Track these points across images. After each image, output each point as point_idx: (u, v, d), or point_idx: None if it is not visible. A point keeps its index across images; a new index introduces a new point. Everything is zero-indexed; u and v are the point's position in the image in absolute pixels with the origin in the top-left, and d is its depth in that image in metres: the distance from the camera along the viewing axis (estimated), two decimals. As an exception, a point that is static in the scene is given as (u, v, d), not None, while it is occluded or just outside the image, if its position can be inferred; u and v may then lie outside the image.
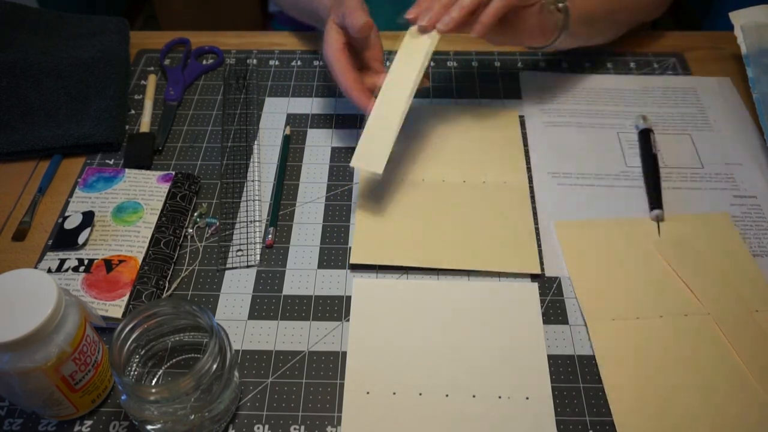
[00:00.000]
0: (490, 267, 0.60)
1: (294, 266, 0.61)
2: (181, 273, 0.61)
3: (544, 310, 0.58)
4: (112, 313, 0.56)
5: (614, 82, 0.80)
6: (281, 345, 0.56)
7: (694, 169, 0.70)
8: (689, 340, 0.55)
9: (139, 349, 0.50)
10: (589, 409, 0.52)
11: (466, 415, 0.51)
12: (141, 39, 0.86)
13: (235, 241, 0.63)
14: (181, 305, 0.47)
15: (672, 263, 0.60)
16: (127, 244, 0.61)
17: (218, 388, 0.46)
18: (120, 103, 0.74)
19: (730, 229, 0.63)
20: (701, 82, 0.80)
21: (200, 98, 0.79)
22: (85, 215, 0.63)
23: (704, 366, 0.53)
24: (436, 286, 0.59)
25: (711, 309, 0.57)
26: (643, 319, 0.56)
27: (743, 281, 0.59)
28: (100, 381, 0.50)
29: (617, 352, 0.55)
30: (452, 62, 0.83)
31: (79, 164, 0.71)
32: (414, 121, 0.73)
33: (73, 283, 0.58)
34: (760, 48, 0.73)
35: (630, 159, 0.71)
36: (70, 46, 0.79)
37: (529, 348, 0.55)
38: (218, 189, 0.68)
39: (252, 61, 0.83)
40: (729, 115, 0.75)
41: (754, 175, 0.69)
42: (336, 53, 0.66)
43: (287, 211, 0.66)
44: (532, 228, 0.63)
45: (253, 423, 0.51)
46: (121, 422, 0.51)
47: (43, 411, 0.50)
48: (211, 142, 0.73)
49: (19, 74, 0.74)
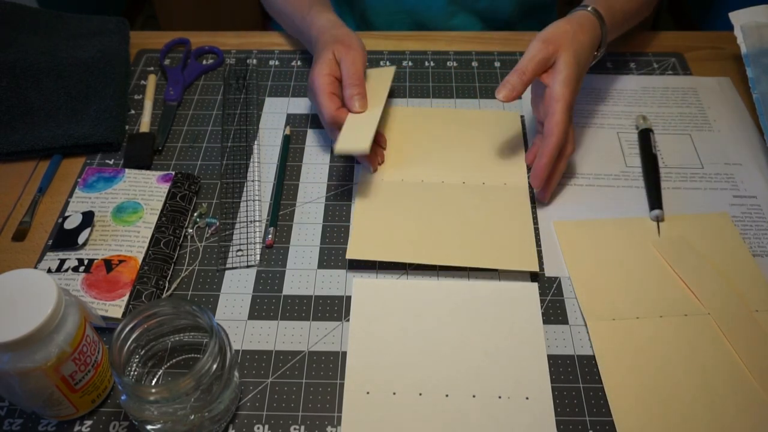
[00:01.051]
0: (488, 264, 0.60)
1: (294, 266, 0.61)
2: (181, 273, 0.61)
3: (544, 310, 0.58)
4: (112, 313, 0.56)
5: (614, 82, 0.80)
6: (281, 345, 0.56)
7: (694, 169, 0.70)
8: (689, 339, 0.55)
9: (139, 349, 0.50)
10: (589, 409, 0.52)
11: (466, 415, 0.51)
12: (141, 39, 0.86)
13: (235, 241, 0.63)
14: (181, 305, 0.47)
15: (671, 263, 0.60)
16: (127, 244, 0.61)
17: (218, 388, 0.46)
18: (120, 103, 0.75)
19: (730, 229, 0.63)
20: (701, 82, 0.80)
21: (200, 98, 0.79)
22: (85, 215, 0.63)
23: (704, 366, 0.53)
24: (436, 286, 0.59)
25: (711, 309, 0.57)
26: (643, 318, 0.56)
27: (743, 281, 0.59)
28: (100, 381, 0.50)
29: (617, 352, 0.54)
30: (452, 62, 0.83)
31: (79, 164, 0.71)
32: (413, 121, 0.74)
33: (73, 283, 0.58)
34: (760, 48, 0.73)
35: (630, 159, 0.71)
36: (70, 46, 0.79)
37: (529, 348, 0.55)
38: (218, 189, 0.68)
39: (252, 61, 0.83)
40: (729, 115, 0.75)
41: (754, 175, 0.69)
42: (323, 87, 0.67)
43: (287, 211, 0.66)
44: (531, 228, 0.63)
45: (253, 423, 0.51)
46: (121, 422, 0.51)
47: (43, 411, 0.50)
48: (211, 142, 0.73)
49: (19, 74, 0.74)
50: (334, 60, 0.68)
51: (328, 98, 0.66)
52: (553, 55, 0.63)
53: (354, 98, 0.66)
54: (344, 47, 0.68)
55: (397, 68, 0.81)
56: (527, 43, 0.65)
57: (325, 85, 0.67)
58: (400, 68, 0.82)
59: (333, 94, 0.67)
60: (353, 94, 0.66)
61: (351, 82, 0.66)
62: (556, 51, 0.63)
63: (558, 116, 0.61)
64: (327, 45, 0.69)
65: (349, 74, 0.67)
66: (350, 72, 0.67)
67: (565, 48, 0.63)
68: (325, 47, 0.69)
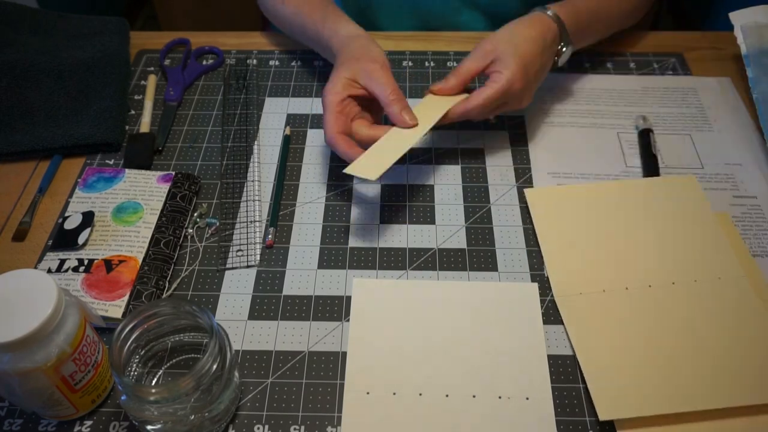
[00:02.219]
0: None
1: (294, 266, 0.61)
2: (181, 273, 0.61)
3: (544, 310, 0.58)
4: (112, 314, 0.56)
5: (614, 82, 0.80)
6: (281, 345, 0.56)
7: (694, 169, 0.70)
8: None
9: (139, 350, 0.50)
10: (589, 409, 0.52)
11: (466, 415, 0.51)
12: (141, 39, 0.86)
13: (235, 241, 0.63)
14: (181, 305, 0.47)
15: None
16: (127, 244, 0.61)
17: (218, 389, 0.46)
18: (120, 104, 0.75)
19: (730, 229, 0.63)
20: (701, 82, 0.80)
21: (200, 98, 0.79)
22: (85, 215, 0.63)
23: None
24: (436, 286, 0.59)
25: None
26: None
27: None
28: (100, 381, 0.50)
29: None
30: (452, 62, 0.83)
31: (79, 164, 0.71)
32: (570, 209, 0.65)
33: (73, 283, 0.58)
34: (760, 48, 0.73)
35: (630, 159, 0.71)
36: (70, 46, 0.79)
37: (529, 348, 0.55)
38: (218, 189, 0.68)
39: (252, 62, 0.83)
40: (729, 115, 0.75)
41: (754, 175, 0.69)
42: (332, 105, 0.64)
43: (287, 211, 0.66)
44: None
45: (253, 423, 0.51)
46: (121, 422, 0.51)
47: (43, 411, 0.50)
48: (211, 143, 0.73)
49: (19, 74, 0.74)
50: (349, 78, 0.65)
51: (334, 117, 0.63)
52: (491, 63, 0.66)
53: (403, 113, 0.63)
54: (366, 63, 0.65)
55: (394, 68, 0.81)
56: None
57: (333, 104, 0.64)
58: (400, 68, 0.82)
59: (339, 114, 0.64)
60: (401, 108, 0.63)
61: (392, 99, 0.63)
62: (491, 57, 0.66)
63: (486, 94, 0.64)
64: (344, 63, 0.66)
65: (384, 91, 0.63)
66: (384, 88, 0.63)
67: (503, 52, 0.65)
68: (341, 65, 0.66)
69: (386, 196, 0.67)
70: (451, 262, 0.62)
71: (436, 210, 0.66)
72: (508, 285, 0.59)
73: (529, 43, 0.66)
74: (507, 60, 0.64)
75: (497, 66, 0.65)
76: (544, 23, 0.68)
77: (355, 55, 0.66)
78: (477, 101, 0.64)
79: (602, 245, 0.61)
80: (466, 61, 0.67)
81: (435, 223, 0.65)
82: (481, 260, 0.62)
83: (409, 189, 0.68)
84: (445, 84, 0.67)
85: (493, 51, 0.66)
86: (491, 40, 0.67)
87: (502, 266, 0.61)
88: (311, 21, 0.75)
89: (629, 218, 0.63)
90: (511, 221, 0.65)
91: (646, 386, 0.52)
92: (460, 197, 0.67)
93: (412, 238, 0.64)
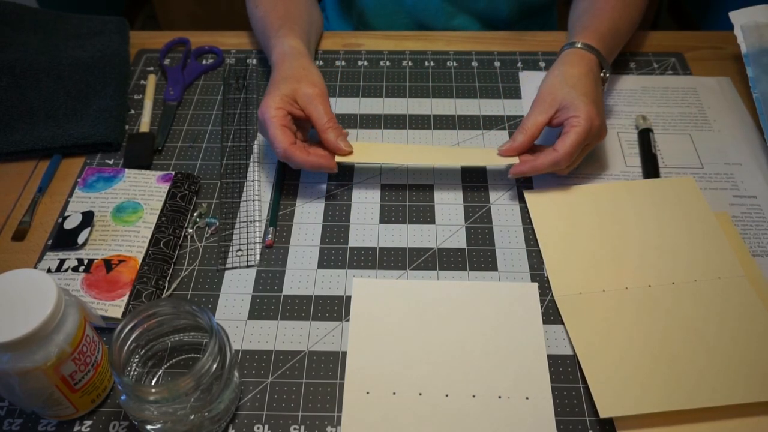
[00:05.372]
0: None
1: (294, 266, 0.61)
2: (181, 273, 0.61)
3: (543, 310, 0.58)
4: (111, 313, 0.56)
5: (614, 82, 0.80)
6: (281, 345, 0.56)
7: (693, 168, 0.70)
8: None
9: (139, 349, 0.50)
10: (589, 409, 0.52)
11: (466, 415, 0.51)
12: (141, 39, 0.86)
13: (235, 241, 0.63)
14: (181, 305, 0.47)
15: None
16: (127, 244, 0.61)
17: (218, 388, 0.46)
18: (120, 103, 0.75)
19: (730, 229, 0.63)
20: (701, 82, 0.80)
21: (200, 98, 0.79)
22: (85, 215, 0.63)
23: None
24: (436, 286, 0.59)
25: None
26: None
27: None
28: (99, 381, 0.50)
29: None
30: (452, 62, 0.83)
31: (79, 164, 0.71)
32: (567, 211, 0.65)
33: (72, 283, 0.58)
34: (760, 48, 0.73)
35: (630, 159, 0.71)
36: (70, 46, 0.79)
37: (529, 348, 0.55)
38: (218, 189, 0.68)
39: (252, 61, 0.83)
40: (729, 115, 0.75)
41: (754, 175, 0.69)
42: (276, 119, 0.63)
43: (287, 211, 0.66)
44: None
45: (253, 423, 0.51)
46: (120, 422, 0.51)
47: (43, 411, 0.50)
48: (211, 142, 0.73)
49: (19, 74, 0.74)
50: (287, 95, 0.64)
51: (281, 131, 0.62)
52: (556, 112, 0.65)
53: (339, 140, 0.64)
54: (307, 87, 0.65)
55: (396, 69, 0.81)
56: (527, 43, 0.65)
57: (277, 118, 0.63)
58: (400, 68, 0.82)
59: (285, 128, 0.63)
60: (337, 136, 0.64)
61: (328, 126, 0.64)
62: (556, 106, 0.64)
63: (572, 139, 0.62)
64: (285, 80, 0.66)
65: (322, 119, 0.64)
66: (322, 116, 0.64)
67: (566, 96, 0.64)
68: (282, 81, 0.65)
69: (386, 196, 0.67)
70: (451, 262, 0.62)
71: (436, 210, 0.66)
72: (507, 285, 0.59)
73: (584, 81, 0.65)
74: (575, 103, 0.63)
75: (568, 113, 0.63)
76: (584, 57, 0.68)
77: (296, 75, 0.66)
78: (565, 149, 0.62)
79: (602, 245, 0.61)
80: (531, 116, 0.65)
81: (435, 222, 0.65)
82: (481, 260, 0.62)
83: (409, 189, 0.68)
84: (513, 143, 0.65)
85: (554, 100, 0.64)
86: (546, 90, 0.66)
87: (502, 266, 0.61)
88: (270, 28, 0.75)
89: (629, 218, 0.63)
90: (511, 221, 0.65)
91: (647, 384, 0.52)
92: (460, 197, 0.67)
93: (411, 237, 0.64)
